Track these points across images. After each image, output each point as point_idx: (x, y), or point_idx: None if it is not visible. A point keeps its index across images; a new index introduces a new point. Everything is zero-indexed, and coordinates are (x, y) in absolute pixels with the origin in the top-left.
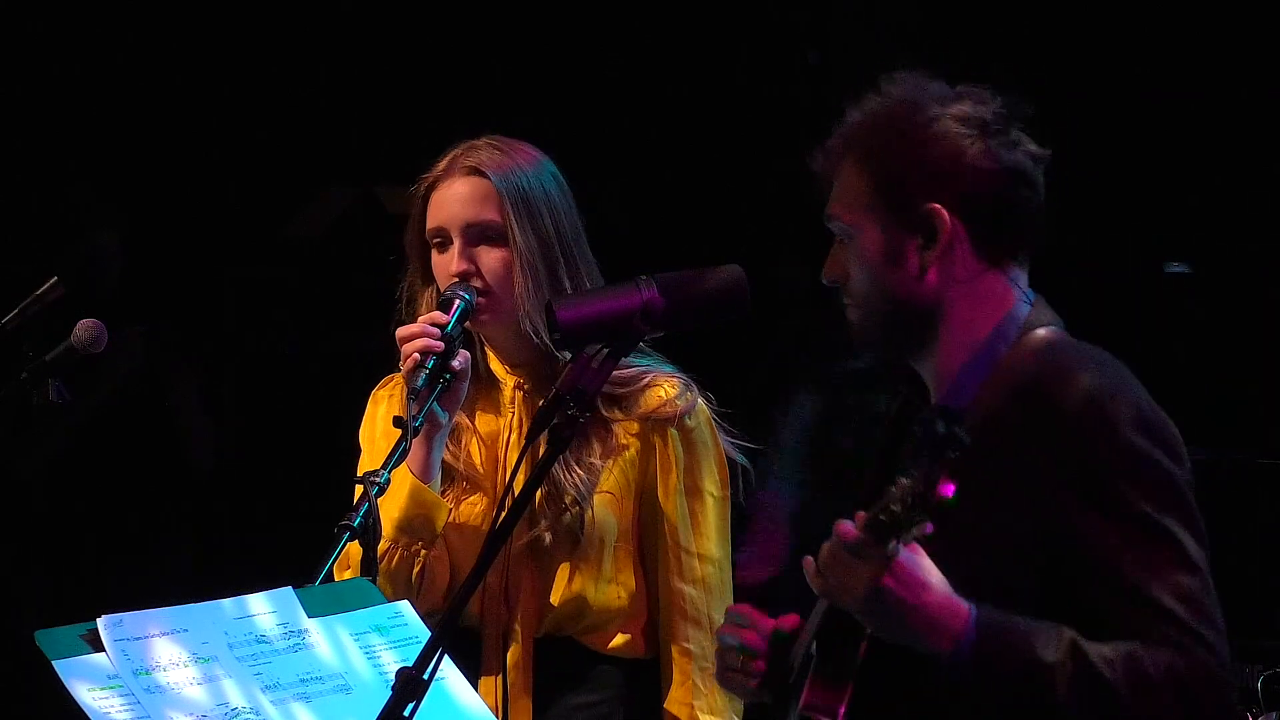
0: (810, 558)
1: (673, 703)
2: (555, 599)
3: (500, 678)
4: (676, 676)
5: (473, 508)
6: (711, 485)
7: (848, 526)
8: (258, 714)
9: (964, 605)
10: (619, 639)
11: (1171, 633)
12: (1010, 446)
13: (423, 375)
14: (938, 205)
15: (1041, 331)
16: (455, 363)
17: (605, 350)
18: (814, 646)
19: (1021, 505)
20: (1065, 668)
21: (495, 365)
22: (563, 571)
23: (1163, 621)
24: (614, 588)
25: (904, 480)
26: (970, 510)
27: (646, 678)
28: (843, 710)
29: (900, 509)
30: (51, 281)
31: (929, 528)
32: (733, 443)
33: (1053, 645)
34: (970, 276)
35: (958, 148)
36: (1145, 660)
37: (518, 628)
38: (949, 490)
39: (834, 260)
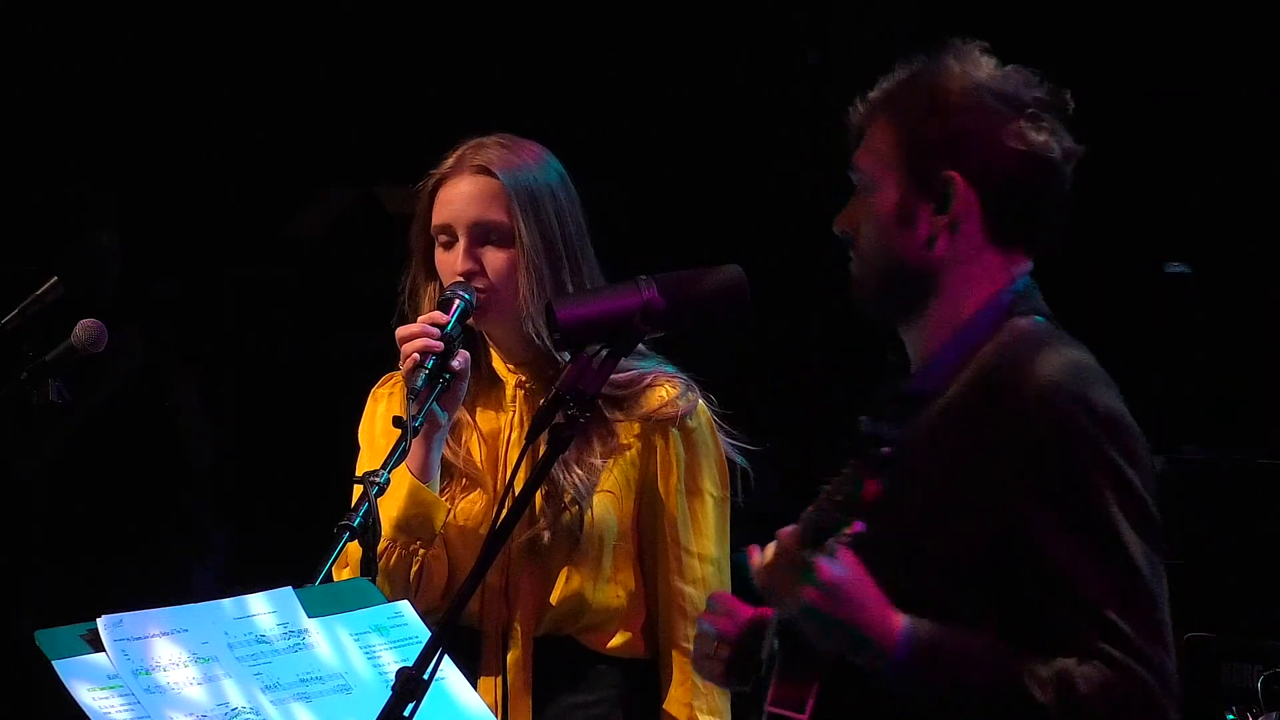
0: (757, 562)
1: (672, 703)
2: (554, 598)
3: (500, 677)
4: (676, 676)
5: (472, 505)
6: (711, 486)
7: (787, 531)
8: (258, 714)
9: (898, 621)
10: (618, 639)
11: (1114, 651)
12: (968, 437)
13: (422, 375)
14: (956, 173)
15: (1021, 321)
16: (455, 363)
17: (605, 350)
18: (775, 644)
19: (975, 498)
20: (996, 685)
21: (497, 363)
22: (562, 571)
23: (1105, 637)
24: (613, 587)
25: (837, 480)
26: (924, 499)
27: (646, 677)
28: (810, 706)
29: (831, 511)
30: (51, 281)
31: (858, 527)
32: (732, 444)
33: (984, 664)
34: (973, 253)
35: (988, 122)
36: (1079, 680)
37: (517, 627)
38: (872, 490)
39: (849, 212)
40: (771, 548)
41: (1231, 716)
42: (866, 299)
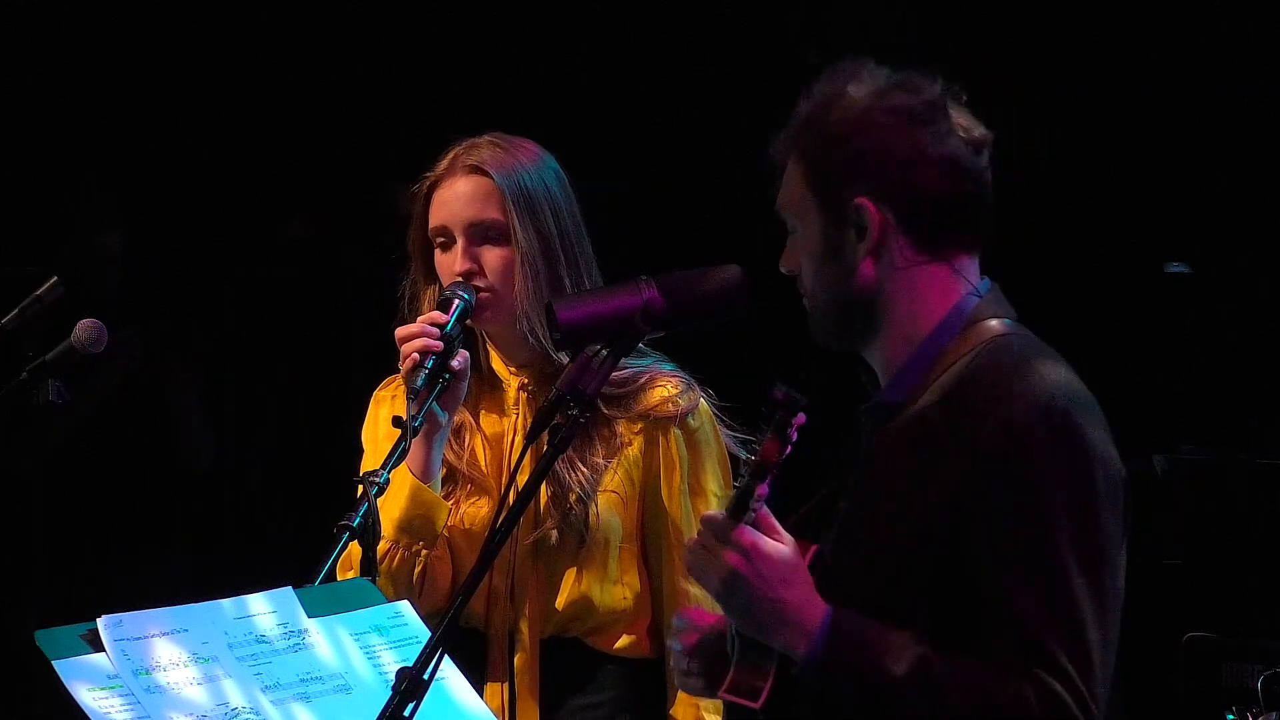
0: (687, 541)
1: (678, 704)
2: (561, 602)
3: (506, 682)
4: None
5: (478, 510)
6: (714, 484)
7: (714, 513)
8: (258, 714)
9: (821, 607)
10: (624, 640)
11: (1037, 669)
12: (934, 446)
13: (422, 375)
14: (864, 199)
15: (991, 324)
16: (454, 362)
17: (605, 350)
18: (733, 630)
19: (932, 508)
20: (912, 683)
21: (498, 365)
22: (569, 573)
23: (1030, 654)
24: (620, 588)
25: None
26: (885, 505)
27: (652, 678)
28: (764, 692)
29: (747, 478)
30: (51, 281)
31: (762, 490)
32: (735, 437)
33: (904, 659)
34: (909, 268)
35: (884, 140)
36: (994, 689)
37: (524, 629)
38: (770, 450)
39: (789, 252)
40: (697, 530)
41: (1231, 716)
42: (822, 334)
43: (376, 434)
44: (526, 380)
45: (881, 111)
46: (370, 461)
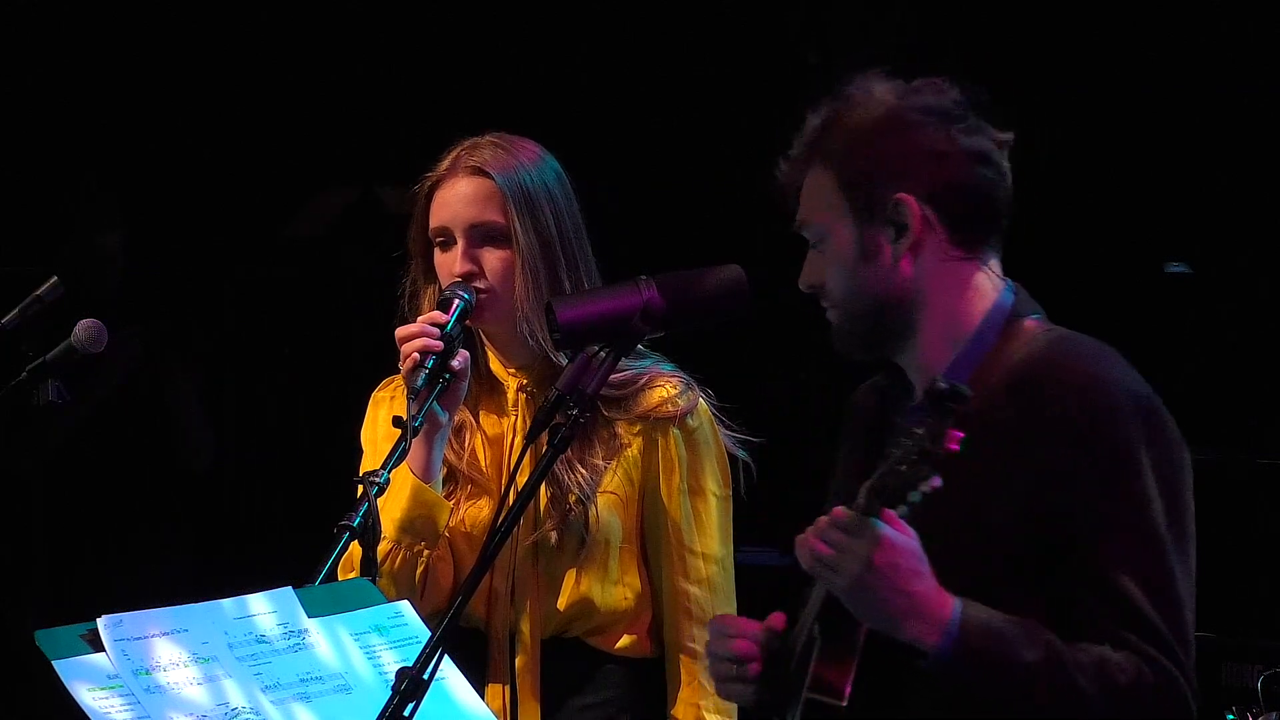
0: (803, 537)
1: (679, 703)
2: (562, 603)
3: (508, 684)
4: (683, 676)
5: (479, 512)
6: (714, 484)
7: (842, 509)
8: (258, 714)
9: (950, 598)
10: (625, 639)
11: (1146, 645)
12: (1003, 438)
13: (422, 375)
14: (904, 195)
15: (1029, 322)
16: (455, 362)
17: (605, 351)
18: (816, 629)
19: (1011, 496)
20: (1043, 670)
21: (497, 366)
22: (569, 574)
23: (1138, 630)
24: (620, 589)
25: (906, 440)
26: (966, 501)
27: (652, 677)
28: (848, 689)
29: (906, 467)
30: (51, 281)
31: (936, 482)
32: (734, 437)
33: (1035, 646)
34: (945, 266)
35: (920, 137)
36: (1115, 669)
37: (524, 630)
38: (956, 440)
39: (809, 266)
40: (821, 522)
41: (1231, 716)
42: (855, 343)
43: (376, 434)
44: (526, 381)
45: (910, 110)
46: (370, 462)
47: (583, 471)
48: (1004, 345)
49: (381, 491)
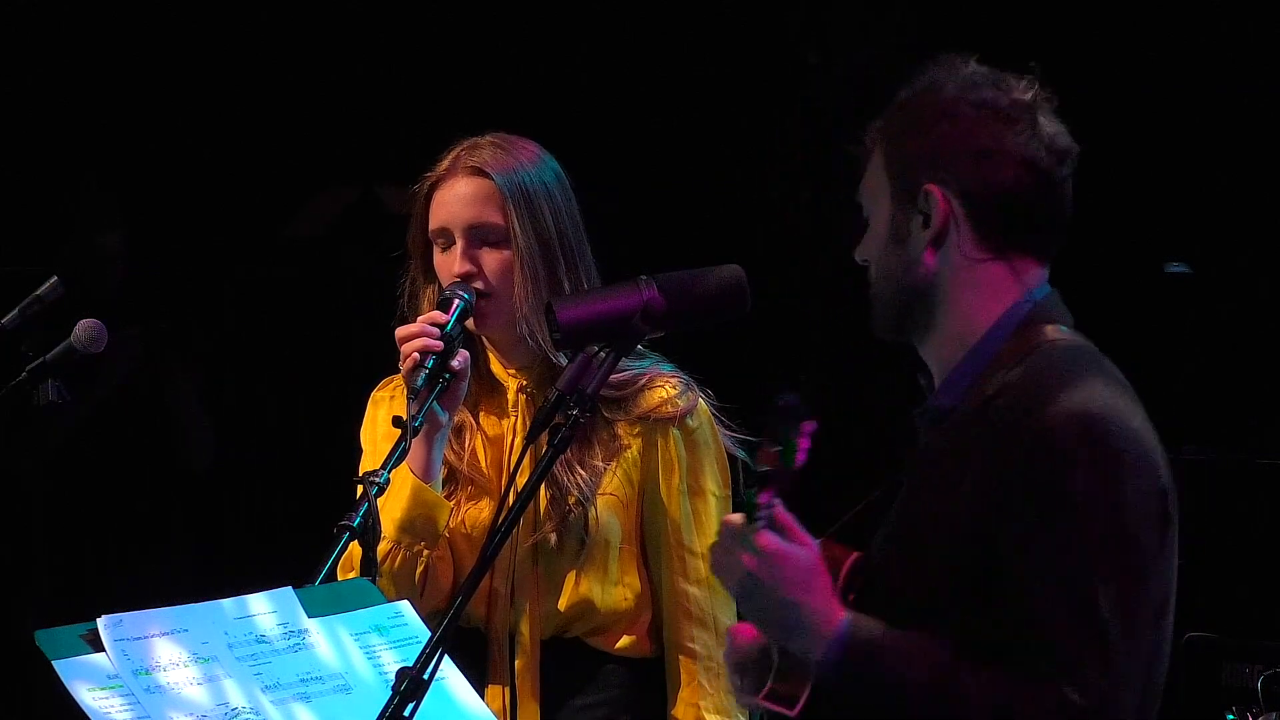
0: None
1: (679, 704)
2: (562, 604)
3: (508, 686)
4: (683, 677)
5: (480, 512)
6: (713, 484)
7: (731, 516)
8: (258, 714)
9: (839, 613)
10: (625, 640)
11: (1066, 683)
12: (971, 448)
13: (422, 375)
14: (934, 186)
15: (1046, 329)
16: (455, 362)
17: (605, 351)
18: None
19: (958, 511)
20: (929, 691)
21: (496, 367)
22: (569, 575)
23: (1058, 665)
24: (620, 589)
25: (756, 456)
26: (927, 509)
27: (652, 677)
28: (802, 701)
29: (753, 485)
30: (51, 281)
31: (763, 498)
32: (733, 438)
33: (923, 667)
34: (970, 264)
35: (967, 131)
36: (1017, 701)
37: (524, 630)
38: (767, 459)
39: (864, 241)
40: (719, 532)
41: (1231, 716)
42: (880, 321)
43: (375, 434)
44: (525, 382)
45: (967, 103)
46: (369, 462)
47: (582, 473)
48: (1009, 353)
49: (381, 491)
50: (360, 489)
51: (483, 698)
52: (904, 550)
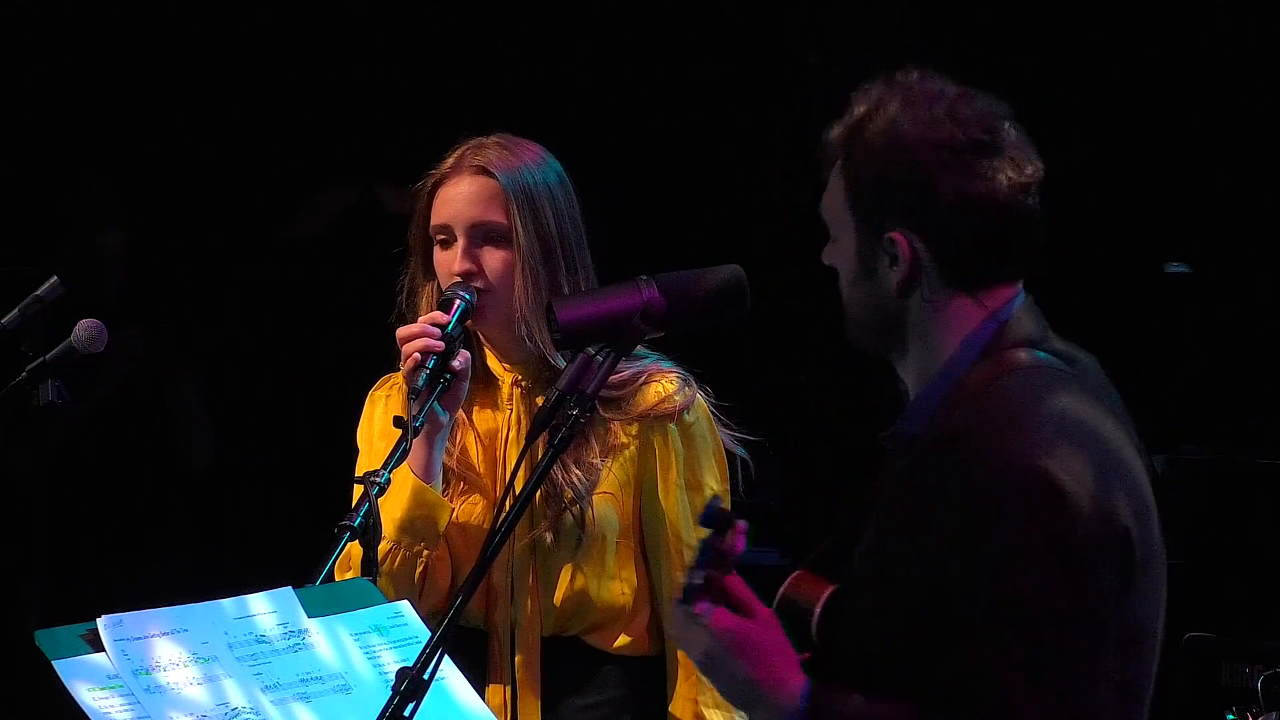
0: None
1: (677, 699)
2: (558, 598)
3: (509, 684)
4: (680, 672)
5: (473, 507)
6: (712, 480)
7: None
8: (258, 714)
9: (796, 683)
10: (624, 639)
11: None
12: (925, 488)
13: (423, 375)
14: (899, 234)
15: (1017, 355)
16: (456, 363)
17: (606, 351)
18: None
19: (917, 553)
20: None
21: (493, 362)
22: (566, 570)
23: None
24: (617, 584)
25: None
26: (885, 544)
27: (652, 677)
28: (825, 596)
29: (691, 580)
30: (51, 281)
31: (695, 578)
32: (732, 435)
33: None
34: (937, 301)
35: (925, 176)
36: None
37: (524, 629)
38: (725, 545)
39: (828, 250)
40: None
41: (1231, 716)
42: (853, 336)
43: (371, 433)
44: (520, 376)
45: (928, 146)
46: (366, 461)
47: (578, 471)
48: (975, 381)
49: (382, 492)
50: (361, 489)
51: (483, 696)
52: (869, 589)
